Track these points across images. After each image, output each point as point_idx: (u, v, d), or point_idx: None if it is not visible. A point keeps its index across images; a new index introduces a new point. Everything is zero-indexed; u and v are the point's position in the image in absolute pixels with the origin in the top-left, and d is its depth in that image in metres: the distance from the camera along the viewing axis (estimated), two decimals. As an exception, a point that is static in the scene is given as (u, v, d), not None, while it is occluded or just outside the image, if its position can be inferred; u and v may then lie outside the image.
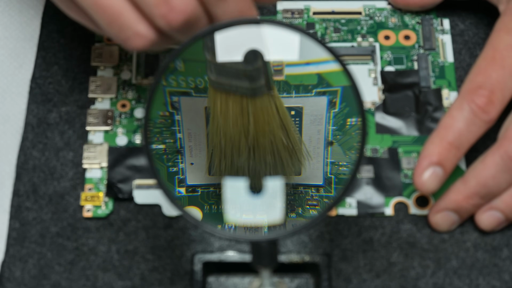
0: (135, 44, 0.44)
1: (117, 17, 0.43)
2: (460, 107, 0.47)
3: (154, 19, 0.43)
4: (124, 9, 0.43)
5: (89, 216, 0.50)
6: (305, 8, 0.56)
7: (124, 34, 0.43)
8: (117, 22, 0.43)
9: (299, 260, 0.47)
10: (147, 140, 0.41)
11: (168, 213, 0.50)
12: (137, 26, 0.43)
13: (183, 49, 0.41)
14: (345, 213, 0.50)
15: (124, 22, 0.43)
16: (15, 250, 0.49)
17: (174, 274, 0.48)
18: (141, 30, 0.43)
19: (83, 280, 0.48)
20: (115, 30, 0.44)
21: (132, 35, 0.43)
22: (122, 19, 0.43)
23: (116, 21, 0.43)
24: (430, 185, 0.47)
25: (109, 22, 0.43)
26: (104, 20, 0.43)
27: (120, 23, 0.43)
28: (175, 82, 0.50)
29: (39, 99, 0.53)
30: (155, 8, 0.42)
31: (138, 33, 0.43)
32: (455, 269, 0.48)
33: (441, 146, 0.47)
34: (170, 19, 0.42)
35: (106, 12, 0.43)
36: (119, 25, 0.43)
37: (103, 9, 0.43)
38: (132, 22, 0.43)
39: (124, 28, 0.43)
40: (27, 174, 0.51)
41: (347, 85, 0.41)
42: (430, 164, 0.47)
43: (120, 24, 0.43)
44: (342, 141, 0.50)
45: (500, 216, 0.48)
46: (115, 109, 0.52)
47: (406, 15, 0.56)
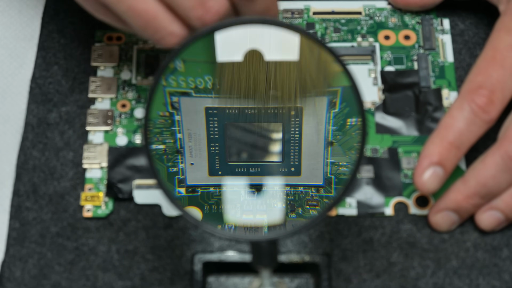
0: (169, 43, 0.45)
1: (152, 20, 0.44)
2: (461, 107, 0.47)
3: (190, 21, 0.44)
4: (159, 12, 0.44)
5: (89, 216, 0.50)
6: (305, 8, 0.56)
7: (159, 35, 0.45)
8: (152, 25, 0.44)
9: (299, 260, 0.47)
10: (147, 140, 0.41)
11: (168, 213, 0.50)
12: (171, 27, 0.44)
13: (183, 49, 0.41)
14: (345, 213, 0.50)
15: (159, 24, 0.44)
16: (15, 250, 0.49)
17: (174, 274, 0.48)
18: (175, 30, 0.45)
19: (83, 280, 0.48)
20: (150, 32, 0.45)
21: (166, 35, 0.45)
22: (157, 21, 0.44)
23: (151, 24, 0.44)
24: (431, 185, 0.47)
25: (144, 25, 0.45)
26: (139, 23, 0.45)
27: (155, 26, 0.44)
28: (175, 82, 0.50)
29: (39, 99, 0.53)
30: (191, 11, 0.44)
31: (172, 32, 0.45)
32: (455, 269, 0.48)
33: (442, 146, 0.47)
34: (206, 21, 0.44)
35: (141, 16, 0.44)
36: (154, 28, 0.44)
37: (138, 13, 0.44)
38: (166, 23, 0.44)
39: (159, 29, 0.44)
40: (27, 174, 0.51)
41: (347, 85, 0.41)
42: (430, 164, 0.47)
43: (155, 27, 0.44)
44: (342, 141, 0.50)
45: (500, 216, 0.48)
46: (115, 109, 0.52)
47: (406, 15, 0.56)
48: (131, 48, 0.54)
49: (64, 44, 0.55)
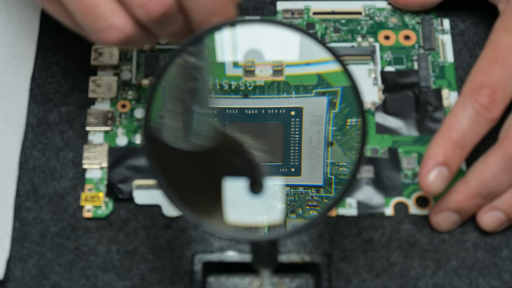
0: (108, 37, 0.43)
1: (92, 6, 0.42)
2: (463, 106, 0.47)
3: (133, 9, 0.42)
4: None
5: (89, 216, 0.50)
6: (305, 8, 0.56)
7: (98, 26, 0.42)
8: (92, 12, 0.42)
9: (299, 260, 0.47)
10: (147, 140, 0.41)
11: (168, 213, 0.50)
12: (113, 18, 0.42)
13: (183, 49, 0.41)
14: (345, 213, 0.50)
15: (100, 12, 0.42)
16: (15, 250, 0.49)
17: (174, 274, 0.48)
18: (116, 23, 0.42)
19: (83, 280, 0.48)
20: (89, 21, 0.42)
21: (106, 27, 0.42)
22: (98, 9, 0.42)
23: (91, 10, 0.42)
24: (436, 186, 0.47)
25: (83, 11, 0.42)
26: (79, 8, 0.42)
27: (95, 13, 0.42)
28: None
29: (39, 99, 0.53)
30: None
31: (112, 25, 0.42)
32: (455, 269, 0.48)
33: (446, 146, 0.47)
34: (149, 9, 0.42)
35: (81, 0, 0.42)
36: (94, 16, 0.42)
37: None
38: (108, 13, 0.42)
39: (99, 19, 0.42)
40: (27, 174, 0.51)
41: (347, 85, 0.41)
42: (435, 165, 0.46)
43: (95, 15, 0.42)
44: (342, 141, 0.50)
45: (502, 216, 0.48)
46: (115, 110, 0.52)
47: (406, 15, 0.56)
48: (130, 49, 0.54)
49: (64, 44, 0.55)
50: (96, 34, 0.43)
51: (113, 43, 0.43)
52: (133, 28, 0.43)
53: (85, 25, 0.43)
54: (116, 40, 0.43)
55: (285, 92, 0.51)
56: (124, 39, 0.43)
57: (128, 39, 0.43)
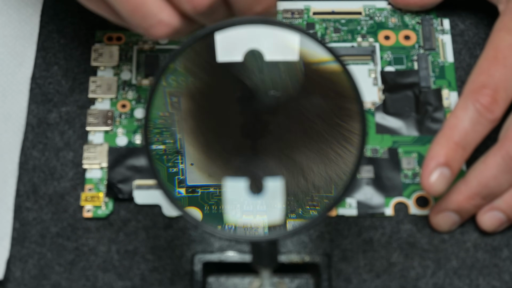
0: (158, 33, 0.44)
1: (140, 5, 0.43)
2: (465, 107, 0.47)
3: (180, 4, 0.43)
4: None
5: (89, 216, 0.50)
6: (305, 8, 0.56)
7: (147, 23, 0.44)
8: (141, 10, 0.43)
9: (299, 260, 0.47)
10: (147, 140, 0.41)
11: (168, 213, 0.50)
12: (161, 14, 0.43)
13: (183, 50, 0.41)
14: (345, 214, 0.50)
15: (148, 10, 0.43)
16: (15, 250, 0.49)
17: (174, 274, 0.48)
18: (164, 18, 0.44)
19: (83, 280, 0.48)
20: (138, 19, 0.44)
21: (155, 23, 0.44)
22: (146, 7, 0.43)
23: (139, 9, 0.43)
24: (438, 186, 0.46)
25: (132, 10, 0.43)
26: (127, 8, 0.43)
27: (143, 11, 0.43)
28: (175, 82, 0.50)
29: (39, 99, 0.53)
30: None
31: (161, 21, 0.44)
32: (455, 269, 0.48)
33: (448, 146, 0.47)
34: (195, 3, 0.43)
35: (129, 0, 0.43)
36: (142, 14, 0.43)
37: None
38: (155, 9, 0.43)
39: (147, 16, 0.43)
40: (27, 174, 0.51)
41: (347, 85, 0.41)
42: (437, 165, 0.46)
43: (143, 13, 0.43)
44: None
45: (502, 217, 0.48)
46: (115, 110, 0.52)
47: (406, 15, 0.56)
48: (131, 48, 0.54)
49: (64, 44, 0.55)
50: (145, 30, 0.44)
51: (162, 37, 0.44)
52: (180, 21, 0.44)
53: (134, 23, 0.44)
54: (165, 34, 0.44)
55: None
56: (172, 32, 0.44)
57: (175, 32, 0.44)
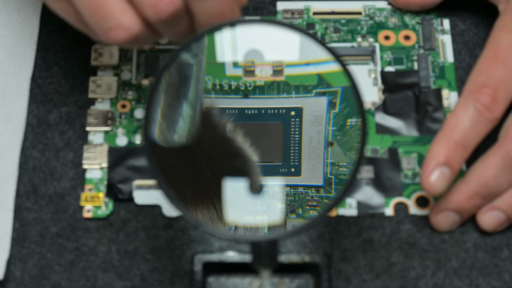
0: (116, 36, 0.43)
1: (102, 5, 0.42)
2: (465, 106, 0.47)
3: (143, 8, 0.42)
4: None
5: (89, 216, 0.50)
6: (305, 8, 0.56)
7: (107, 25, 0.43)
8: (102, 10, 0.42)
9: (299, 261, 0.47)
10: (147, 140, 0.41)
11: (168, 213, 0.50)
12: (122, 17, 0.42)
13: (183, 49, 0.41)
14: (345, 214, 0.50)
15: (109, 11, 0.42)
16: (15, 250, 0.49)
17: (174, 275, 0.48)
18: (125, 22, 0.43)
19: (83, 280, 0.48)
20: (98, 20, 0.43)
21: (115, 26, 0.43)
22: (107, 7, 0.42)
23: (100, 9, 0.42)
24: (439, 186, 0.46)
25: (92, 9, 0.42)
26: (88, 7, 0.42)
27: (104, 12, 0.42)
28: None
29: (39, 99, 0.53)
30: None
31: (121, 24, 0.43)
32: (455, 269, 0.48)
33: (448, 146, 0.47)
34: (159, 9, 0.42)
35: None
36: (103, 14, 0.42)
37: None
38: (117, 12, 0.42)
39: (107, 17, 0.42)
40: (27, 174, 0.51)
41: (347, 85, 0.41)
42: (437, 165, 0.46)
43: (104, 13, 0.42)
44: (342, 141, 0.50)
45: (502, 216, 0.48)
46: (115, 110, 0.52)
47: (406, 15, 0.56)
48: (131, 49, 0.54)
49: (64, 44, 0.55)
50: (103, 32, 0.43)
51: (120, 42, 0.43)
52: (141, 27, 0.43)
53: (93, 23, 0.43)
54: (123, 39, 0.43)
55: (285, 92, 0.51)
56: (131, 38, 0.43)
57: (134, 38, 0.43)
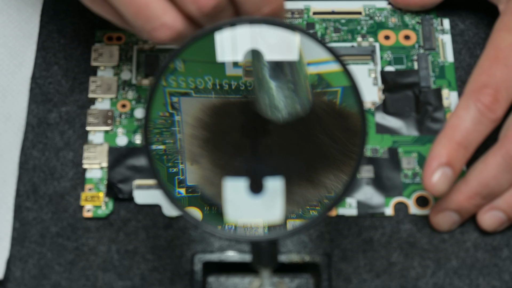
0: (161, 36, 0.44)
1: (144, 7, 0.43)
2: (466, 106, 0.47)
3: (185, 5, 0.43)
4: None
5: (89, 216, 0.50)
6: (305, 8, 0.56)
7: (151, 25, 0.43)
8: (144, 12, 0.43)
9: (299, 260, 0.47)
10: (147, 140, 0.41)
11: (168, 213, 0.50)
12: (165, 17, 0.43)
13: (183, 49, 0.41)
14: (345, 213, 0.50)
15: (152, 12, 0.43)
16: (15, 250, 0.49)
17: (174, 274, 0.48)
18: (168, 21, 0.43)
19: (83, 280, 0.48)
20: (141, 21, 0.43)
21: (159, 26, 0.43)
22: (150, 9, 0.43)
23: (143, 11, 0.43)
24: (441, 186, 0.46)
25: (135, 12, 0.43)
26: (131, 10, 0.43)
27: (147, 14, 0.43)
28: (175, 82, 0.50)
29: (39, 99, 0.53)
30: None
31: (165, 23, 0.43)
32: (455, 269, 0.48)
33: (450, 146, 0.47)
34: (201, 4, 0.42)
35: (133, 3, 0.43)
36: (146, 16, 0.43)
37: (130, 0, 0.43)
38: (159, 12, 0.43)
39: (151, 19, 0.43)
40: (27, 174, 0.51)
41: (347, 85, 0.41)
42: (439, 165, 0.46)
43: (147, 15, 0.43)
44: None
45: (502, 216, 0.48)
46: (115, 109, 0.52)
47: (406, 15, 0.56)
48: (131, 48, 0.54)
49: (64, 44, 0.55)
50: (148, 33, 0.44)
51: (165, 40, 0.44)
52: (184, 24, 0.44)
53: (137, 25, 0.44)
54: (168, 37, 0.44)
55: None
56: (176, 36, 0.44)
57: (179, 35, 0.44)
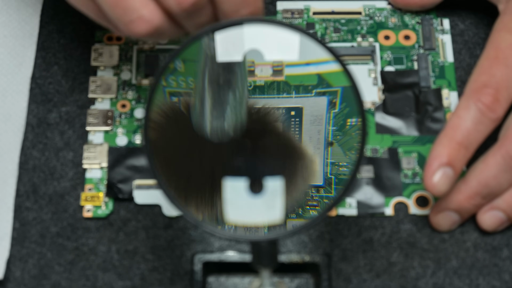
0: (137, 29, 0.43)
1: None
2: (467, 106, 0.47)
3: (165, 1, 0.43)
4: None
5: (89, 216, 0.50)
6: (305, 8, 0.56)
7: (128, 17, 0.43)
8: (122, 4, 0.43)
9: (299, 260, 0.48)
10: (147, 140, 0.41)
11: (168, 213, 0.50)
12: (143, 10, 0.43)
13: (183, 49, 0.41)
14: (345, 213, 0.50)
15: (130, 4, 0.43)
16: (15, 250, 0.49)
17: (174, 274, 0.48)
18: (146, 14, 0.43)
19: (83, 280, 0.48)
20: (119, 13, 0.43)
21: (136, 18, 0.43)
22: (128, 1, 0.43)
23: (121, 2, 0.43)
24: (442, 186, 0.46)
25: (113, 3, 0.43)
26: (109, 1, 0.43)
27: (125, 5, 0.43)
28: (175, 82, 0.50)
29: (39, 99, 0.53)
30: None
31: (142, 16, 0.43)
32: (455, 269, 0.48)
33: (450, 146, 0.46)
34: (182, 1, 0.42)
35: None
36: (124, 7, 0.43)
37: None
38: (138, 4, 0.43)
39: (128, 10, 0.43)
40: (27, 174, 0.51)
41: (347, 85, 0.41)
42: (440, 165, 0.46)
43: (125, 6, 0.43)
44: (342, 141, 0.50)
45: (502, 216, 0.48)
46: (115, 109, 0.52)
47: (406, 15, 0.56)
48: (131, 48, 0.54)
49: (64, 44, 0.55)
50: (125, 25, 0.43)
51: (142, 34, 0.43)
52: (162, 19, 0.43)
53: (114, 17, 0.43)
54: (144, 31, 0.43)
55: (285, 92, 0.51)
56: (153, 30, 0.43)
57: (156, 30, 0.44)
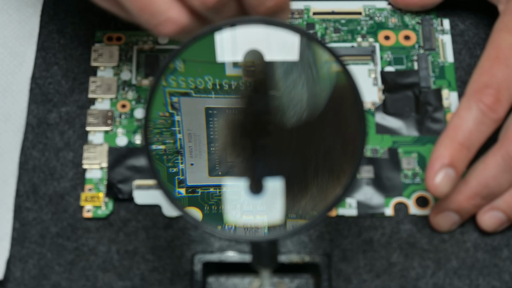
0: (166, 30, 0.44)
1: (149, 3, 0.43)
2: (468, 107, 0.47)
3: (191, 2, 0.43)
4: None
5: (89, 216, 0.50)
6: (305, 8, 0.56)
7: (156, 21, 0.44)
8: (149, 8, 0.43)
9: (299, 260, 0.48)
10: (147, 140, 0.41)
11: (168, 213, 0.50)
12: (169, 11, 0.43)
13: (183, 49, 0.41)
14: (345, 214, 0.50)
15: (156, 7, 0.43)
16: (15, 250, 0.49)
17: (174, 275, 0.48)
18: (172, 15, 0.43)
19: (83, 280, 0.48)
20: (146, 17, 0.44)
21: (163, 21, 0.44)
22: (154, 4, 0.43)
23: (148, 7, 0.43)
24: (444, 187, 0.46)
25: (140, 8, 0.43)
26: (135, 6, 0.44)
27: (152, 9, 0.43)
28: (175, 82, 0.50)
29: (39, 99, 0.53)
30: None
31: (169, 18, 0.43)
32: (455, 269, 0.48)
33: (452, 147, 0.46)
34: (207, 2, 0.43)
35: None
36: (151, 11, 0.43)
37: None
38: (164, 7, 0.43)
39: (155, 14, 0.43)
40: (27, 174, 0.51)
41: (347, 85, 0.41)
42: (442, 166, 0.46)
43: (152, 10, 0.43)
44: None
45: (502, 217, 0.48)
46: (115, 110, 0.52)
47: (406, 15, 0.56)
48: (131, 49, 0.54)
49: (64, 44, 0.55)
50: (153, 28, 0.44)
51: (170, 35, 0.44)
52: (189, 18, 0.44)
53: (142, 20, 0.44)
54: (173, 32, 0.44)
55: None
56: (181, 30, 0.44)
57: (184, 30, 0.44)
